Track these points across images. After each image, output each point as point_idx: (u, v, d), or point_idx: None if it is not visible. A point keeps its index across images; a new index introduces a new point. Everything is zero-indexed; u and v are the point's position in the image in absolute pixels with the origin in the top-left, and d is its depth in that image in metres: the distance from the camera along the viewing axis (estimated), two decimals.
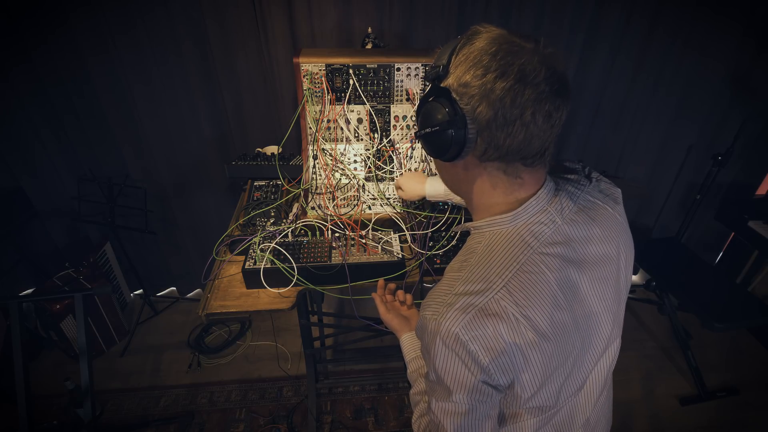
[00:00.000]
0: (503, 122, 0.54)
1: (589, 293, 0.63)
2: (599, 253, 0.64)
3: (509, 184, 0.61)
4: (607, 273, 0.65)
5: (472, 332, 0.54)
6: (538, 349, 0.56)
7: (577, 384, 0.67)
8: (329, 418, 1.90)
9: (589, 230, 0.64)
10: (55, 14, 1.64)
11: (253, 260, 1.17)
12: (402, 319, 0.96)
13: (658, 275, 2.09)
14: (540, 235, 0.60)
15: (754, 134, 2.15)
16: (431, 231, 1.26)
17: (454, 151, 0.58)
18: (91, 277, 2.08)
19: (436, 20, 1.78)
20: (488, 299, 0.56)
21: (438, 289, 0.62)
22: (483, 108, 0.54)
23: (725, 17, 1.84)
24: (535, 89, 0.53)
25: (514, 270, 0.58)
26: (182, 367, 2.13)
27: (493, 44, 0.55)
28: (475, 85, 0.54)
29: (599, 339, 0.66)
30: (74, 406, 1.54)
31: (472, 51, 0.55)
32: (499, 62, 0.53)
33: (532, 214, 0.61)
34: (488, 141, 0.56)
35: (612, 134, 2.17)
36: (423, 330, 0.61)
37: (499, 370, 0.56)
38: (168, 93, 1.86)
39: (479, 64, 0.54)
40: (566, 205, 0.63)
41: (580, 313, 0.62)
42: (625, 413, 1.93)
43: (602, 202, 0.68)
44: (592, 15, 1.83)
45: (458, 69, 0.56)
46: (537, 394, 0.60)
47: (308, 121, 1.31)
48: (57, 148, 1.96)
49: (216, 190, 2.17)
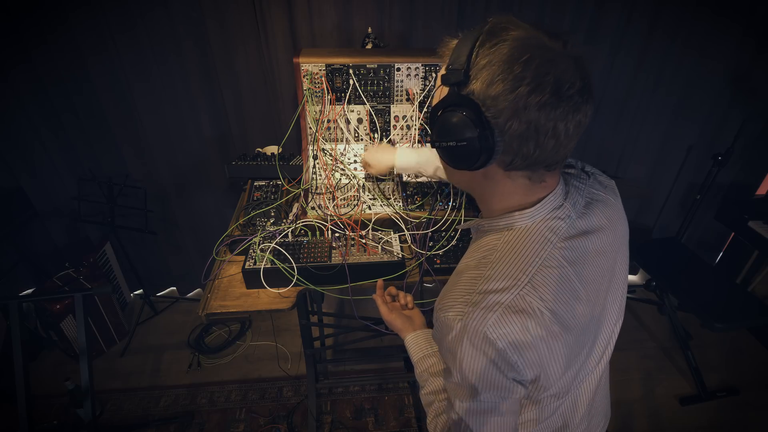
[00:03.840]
0: (534, 135, 0.52)
1: (602, 282, 0.64)
2: (607, 243, 0.65)
3: (531, 186, 0.60)
4: (613, 261, 0.67)
5: (501, 330, 0.54)
6: (562, 341, 0.57)
7: (588, 370, 0.68)
8: (329, 418, 1.90)
9: (598, 222, 0.65)
10: (55, 13, 1.64)
11: (253, 260, 1.17)
12: (405, 318, 0.94)
13: (658, 275, 2.09)
14: (557, 230, 0.60)
15: (754, 134, 2.15)
16: (431, 231, 1.26)
17: (479, 163, 0.55)
18: (91, 277, 2.08)
19: (436, 20, 1.78)
20: (514, 296, 0.55)
21: (457, 288, 0.60)
22: (514, 122, 0.51)
23: (725, 17, 1.84)
24: (569, 101, 0.51)
25: (537, 265, 0.57)
26: (182, 367, 2.13)
27: (523, 49, 0.50)
28: (506, 98, 0.50)
29: (608, 325, 0.69)
30: (74, 406, 1.54)
31: (499, 55, 0.51)
32: (534, 73, 0.49)
33: (549, 209, 0.61)
34: (516, 152, 0.54)
35: (612, 134, 2.17)
36: (446, 332, 0.58)
37: (527, 366, 0.56)
38: (168, 93, 1.86)
39: (509, 74, 0.50)
40: (577, 199, 0.64)
41: (595, 303, 0.63)
42: (625, 413, 1.93)
43: (604, 194, 0.69)
44: (592, 15, 1.83)
45: (482, 75, 0.51)
46: (557, 384, 0.61)
47: (308, 121, 1.31)
48: (57, 148, 1.96)
49: (216, 190, 2.17)
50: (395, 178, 1.30)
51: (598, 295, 0.64)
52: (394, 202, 1.35)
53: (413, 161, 1.15)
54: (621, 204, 0.72)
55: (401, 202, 1.34)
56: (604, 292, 0.65)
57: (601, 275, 0.64)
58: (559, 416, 0.69)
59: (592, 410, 0.74)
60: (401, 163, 1.17)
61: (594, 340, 0.66)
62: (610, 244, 0.66)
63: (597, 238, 0.64)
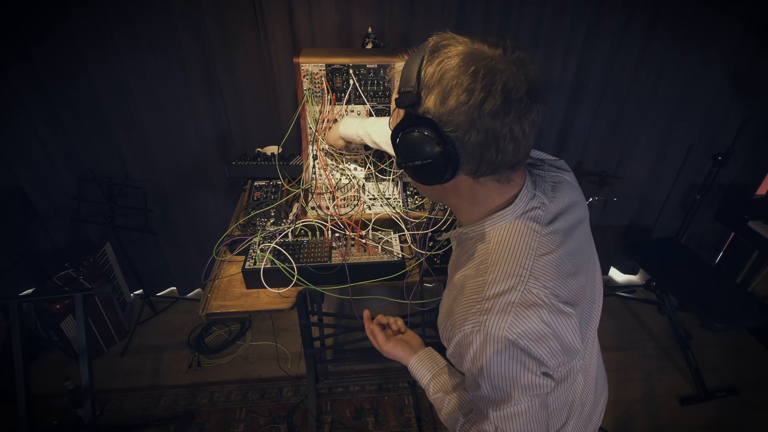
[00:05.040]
0: (494, 141, 0.54)
1: (583, 250, 0.69)
2: (576, 217, 0.70)
3: (501, 187, 0.63)
4: (586, 231, 0.73)
5: (519, 328, 0.55)
6: (575, 318, 0.59)
7: (593, 335, 0.72)
8: (329, 418, 1.90)
9: (565, 201, 0.68)
10: (55, 12, 1.64)
11: (253, 260, 1.17)
12: (403, 344, 0.90)
13: (658, 275, 2.09)
14: (538, 219, 0.63)
15: (754, 134, 2.15)
16: (431, 231, 1.26)
17: (446, 176, 0.57)
18: (91, 277, 2.08)
19: (436, 20, 1.77)
20: (522, 292, 0.56)
21: (464, 300, 0.60)
22: (472, 133, 0.53)
23: (726, 14, 1.83)
24: (519, 104, 0.53)
25: (532, 256, 0.59)
26: (182, 367, 2.13)
27: (469, 62, 0.52)
28: (461, 110, 0.52)
29: (599, 288, 0.74)
30: (74, 406, 1.54)
31: (446, 71, 0.53)
32: (482, 82, 0.51)
33: (526, 202, 0.64)
34: (480, 160, 0.56)
35: (612, 134, 2.17)
36: (466, 347, 0.59)
37: (552, 355, 0.57)
38: (168, 93, 1.86)
39: (459, 87, 0.52)
40: (544, 186, 0.67)
41: (586, 271, 0.68)
42: (625, 413, 1.93)
43: (561, 174, 0.73)
44: (592, 14, 1.83)
45: (434, 92, 0.54)
46: (576, 359, 0.63)
47: (308, 121, 1.31)
48: (57, 148, 1.96)
49: (216, 190, 2.17)
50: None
51: (587, 263, 0.69)
52: (394, 202, 1.35)
53: (352, 131, 1.18)
54: (573, 177, 0.76)
55: (401, 202, 1.34)
56: (586, 257, 0.70)
57: (581, 245, 0.69)
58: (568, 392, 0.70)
59: (596, 381, 0.77)
60: (343, 132, 1.20)
61: (592, 303, 0.70)
62: (579, 216, 0.70)
63: (569, 215, 0.68)
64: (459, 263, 0.68)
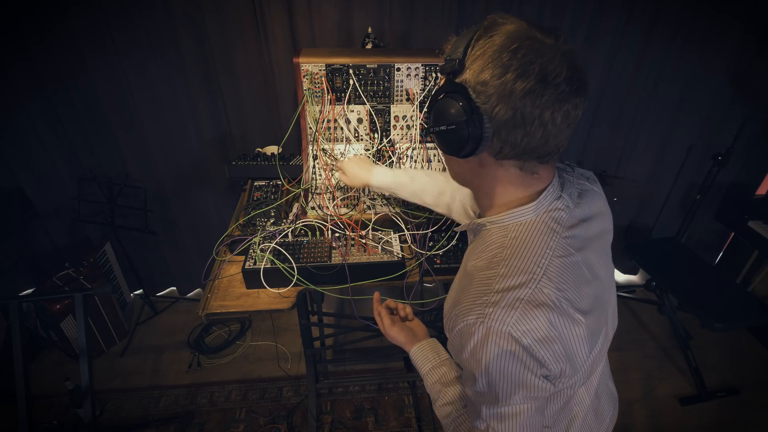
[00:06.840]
0: (521, 122, 0.54)
1: (600, 265, 0.67)
2: (599, 229, 0.69)
3: (526, 178, 0.62)
4: (606, 245, 0.72)
5: (524, 326, 0.53)
6: (584, 326, 0.57)
7: (601, 353, 0.69)
8: (329, 418, 1.90)
9: (590, 210, 0.68)
10: (55, 12, 1.64)
11: (253, 260, 1.17)
12: (407, 331, 0.91)
13: (658, 275, 2.09)
14: (560, 221, 0.62)
15: (754, 134, 2.15)
16: (431, 231, 1.26)
17: (469, 149, 0.57)
18: (91, 277, 2.08)
19: (436, 20, 1.77)
20: (532, 290, 0.55)
21: (472, 291, 0.59)
22: (501, 108, 0.53)
23: (726, 15, 1.83)
24: (555, 89, 0.52)
25: (549, 256, 0.58)
26: (182, 367, 2.13)
27: (513, 40, 0.52)
28: (493, 84, 0.53)
29: (612, 304, 0.71)
30: (74, 406, 1.54)
31: (490, 46, 0.53)
32: (520, 61, 0.51)
33: (550, 201, 0.63)
34: (504, 139, 0.56)
35: (612, 134, 2.17)
36: (466, 339, 0.57)
37: (555, 359, 0.55)
38: (168, 93, 1.86)
39: (498, 62, 0.52)
40: (571, 190, 0.66)
41: (602, 282, 0.66)
42: (625, 413, 1.93)
43: (590, 184, 0.72)
44: (592, 13, 1.83)
45: (475, 64, 0.54)
46: (581, 370, 0.61)
47: (308, 121, 1.31)
48: (57, 148, 1.96)
49: (216, 190, 2.17)
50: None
51: (599, 277, 0.67)
52: (394, 202, 1.35)
53: (389, 181, 1.12)
54: (602, 190, 0.75)
55: (401, 202, 1.34)
56: (604, 269, 0.68)
57: (599, 256, 0.67)
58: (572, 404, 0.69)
59: (600, 399, 0.75)
60: (377, 182, 1.13)
61: (606, 317, 0.67)
62: (602, 227, 0.70)
63: (593, 223, 0.67)
64: (473, 254, 0.67)
